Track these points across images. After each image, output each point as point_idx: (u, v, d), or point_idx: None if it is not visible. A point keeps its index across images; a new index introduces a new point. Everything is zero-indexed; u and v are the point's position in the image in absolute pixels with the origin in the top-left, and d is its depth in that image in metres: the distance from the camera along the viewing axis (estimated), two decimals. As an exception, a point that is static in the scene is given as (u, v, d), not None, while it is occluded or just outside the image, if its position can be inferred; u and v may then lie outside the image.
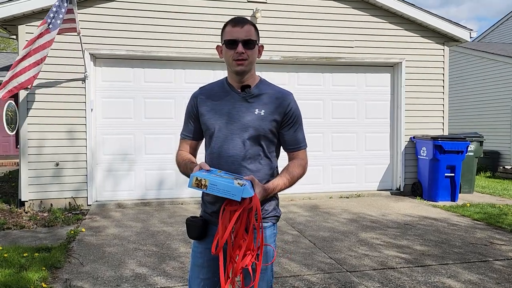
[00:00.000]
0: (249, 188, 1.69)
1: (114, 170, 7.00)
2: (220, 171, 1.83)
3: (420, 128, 7.91)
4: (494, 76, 12.39)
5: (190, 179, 1.71)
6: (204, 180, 1.69)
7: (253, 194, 1.70)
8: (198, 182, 1.70)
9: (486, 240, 4.98)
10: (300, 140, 2.02)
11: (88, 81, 6.63)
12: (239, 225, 1.72)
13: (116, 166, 7.00)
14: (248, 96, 1.94)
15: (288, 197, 7.27)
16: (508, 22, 17.54)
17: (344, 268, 4.03)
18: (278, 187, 1.89)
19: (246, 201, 1.68)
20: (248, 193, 1.67)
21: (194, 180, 1.70)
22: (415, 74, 7.89)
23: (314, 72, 7.74)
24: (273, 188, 1.86)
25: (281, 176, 1.92)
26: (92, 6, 6.64)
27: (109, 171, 6.98)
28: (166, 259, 4.26)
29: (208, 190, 1.68)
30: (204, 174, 1.72)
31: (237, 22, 1.89)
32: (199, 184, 1.70)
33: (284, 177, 1.92)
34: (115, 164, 7.00)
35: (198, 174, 1.71)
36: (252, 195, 1.69)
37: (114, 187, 6.99)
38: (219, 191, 1.68)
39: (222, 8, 7.00)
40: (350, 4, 7.61)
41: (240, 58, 1.86)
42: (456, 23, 7.92)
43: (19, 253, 4.25)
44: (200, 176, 1.70)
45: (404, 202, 7.25)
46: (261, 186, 1.79)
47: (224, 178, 1.71)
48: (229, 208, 1.72)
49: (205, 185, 1.69)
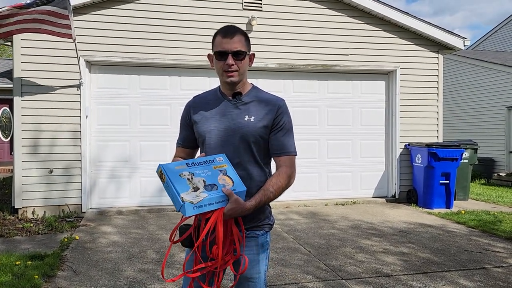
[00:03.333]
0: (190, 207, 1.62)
1: (110, 177, 6.96)
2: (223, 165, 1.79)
3: (415, 135, 7.94)
4: (488, 83, 12.49)
5: (158, 167, 1.71)
6: (164, 176, 1.68)
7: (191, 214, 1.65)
8: (160, 175, 1.69)
9: (481, 247, 4.99)
10: (286, 145, 1.95)
11: (83, 88, 6.62)
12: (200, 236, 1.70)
13: (111, 173, 6.97)
14: (239, 103, 1.95)
15: (284, 204, 7.26)
16: (501, 31, 17.74)
17: (340, 276, 4.02)
18: (262, 202, 1.83)
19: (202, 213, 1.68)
20: (184, 211, 1.63)
21: (159, 171, 1.69)
22: (409, 82, 7.95)
23: (309, 79, 7.77)
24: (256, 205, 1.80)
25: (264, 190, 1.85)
26: (88, 13, 6.65)
27: (105, 178, 6.94)
28: (161, 267, 4.23)
29: (164, 186, 1.68)
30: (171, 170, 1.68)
31: (226, 33, 1.88)
32: (161, 177, 1.70)
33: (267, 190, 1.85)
34: (110, 171, 6.96)
35: (165, 166, 1.68)
36: (187, 216, 1.64)
37: (109, 194, 6.95)
38: (168, 193, 1.68)
39: (218, 16, 7.03)
40: (345, 13, 7.67)
41: (230, 70, 1.87)
42: (450, 32, 8.00)
43: (12, 261, 4.20)
44: (164, 169, 1.67)
45: (400, 209, 7.26)
46: (236, 204, 1.72)
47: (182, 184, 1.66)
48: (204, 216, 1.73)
49: (164, 180, 1.68)
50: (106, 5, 6.73)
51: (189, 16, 7.01)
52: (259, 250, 1.95)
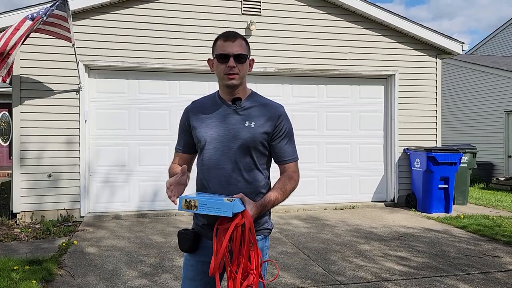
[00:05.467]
0: (239, 203, 1.70)
1: (108, 181, 6.96)
2: (209, 194, 1.85)
3: (414, 139, 7.95)
4: (487, 88, 12.52)
5: (180, 202, 1.73)
6: (194, 201, 1.70)
7: (244, 208, 1.70)
8: (188, 204, 1.72)
9: (480, 252, 4.99)
10: (290, 152, 2.00)
11: (83, 92, 6.62)
12: (234, 242, 1.71)
13: (110, 177, 6.96)
14: (239, 109, 1.95)
15: (283, 209, 7.25)
16: (499, 35, 17.82)
17: (339, 280, 4.01)
18: (271, 203, 1.88)
19: (238, 217, 1.68)
20: (238, 207, 1.68)
21: (183, 203, 1.72)
22: (408, 86, 7.96)
23: (308, 84, 7.79)
24: (266, 205, 1.85)
25: (273, 191, 1.91)
26: (88, 18, 6.67)
27: (103, 183, 6.94)
28: (159, 272, 4.22)
29: (199, 210, 1.70)
30: (192, 196, 1.73)
31: (228, 36, 1.90)
32: (189, 206, 1.72)
33: (276, 192, 1.91)
34: (109, 175, 6.96)
35: (186, 197, 1.73)
36: (243, 209, 1.69)
37: (108, 198, 6.94)
38: (209, 209, 1.69)
39: (217, 21, 7.05)
40: (344, 17, 7.70)
41: (231, 72, 1.88)
42: (448, 36, 8.03)
43: (10, 266, 4.19)
44: (189, 198, 1.72)
45: (399, 214, 7.25)
46: (252, 203, 1.78)
47: (213, 196, 1.73)
48: (222, 227, 1.73)
49: (195, 206, 1.70)
50: (105, 10, 6.75)
51: (189, 21, 7.03)
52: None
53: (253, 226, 1.73)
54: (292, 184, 1.96)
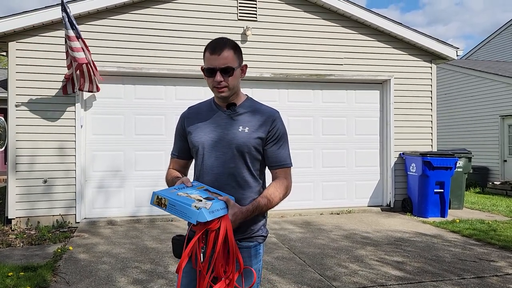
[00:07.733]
0: (207, 213, 1.64)
1: (104, 186, 6.94)
2: (203, 186, 1.83)
3: (409, 144, 7.98)
4: (482, 92, 12.59)
5: (152, 196, 1.71)
6: (164, 199, 1.68)
7: (210, 218, 1.65)
8: (159, 201, 1.70)
9: (476, 256, 5.00)
10: (283, 158, 1.98)
11: (78, 97, 6.62)
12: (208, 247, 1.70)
13: (106, 182, 6.94)
14: (233, 114, 1.96)
15: (279, 213, 7.25)
16: (494, 41, 17.95)
17: (334, 286, 4.01)
18: (258, 209, 1.87)
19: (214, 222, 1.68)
20: (203, 217, 1.63)
21: (155, 198, 1.70)
22: (403, 91, 8.00)
23: (304, 89, 7.81)
24: (253, 210, 1.84)
25: (262, 197, 1.90)
26: (84, 23, 6.67)
27: (99, 188, 6.92)
28: (155, 278, 4.20)
29: (167, 210, 1.68)
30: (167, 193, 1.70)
31: (214, 49, 1.87)
32: (159, 203, 1.70)
33: (265, 198, 1.89)
34: (105, 180, 6.94)
35: (160, 192, 1.71)
36: (207, 220, 1.64)
37: (103, 204, 6.92)
38: (176, 212, 1.67)
39: (213, 26, 7.07)
40: (340, 23, 7.74)
41: (219, 86, 1.88)
42: (442, 41, 8.08)
43: (4, 272, 4.16)
44: (161, 194, 1.69)
45: (395, 218, 7.26)
46: (237, 208, 1.78)
47: (185, 199, 1.68)
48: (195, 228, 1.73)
49: (165, 204, 1.68)
50: (101, 16, 6.76)
51: (185, 26, 7.05)
52: (251, 261, 1.95)
53: (231, 231, 1.71)
54: (283, 191, 1.94)
